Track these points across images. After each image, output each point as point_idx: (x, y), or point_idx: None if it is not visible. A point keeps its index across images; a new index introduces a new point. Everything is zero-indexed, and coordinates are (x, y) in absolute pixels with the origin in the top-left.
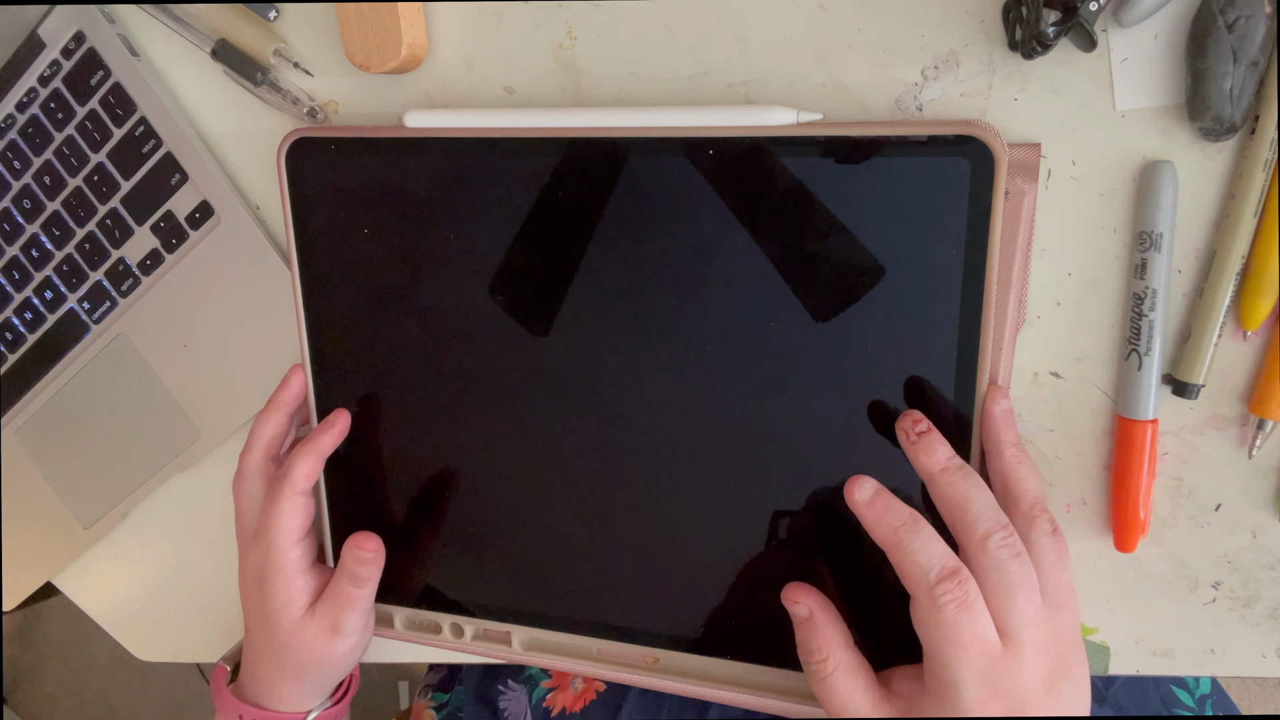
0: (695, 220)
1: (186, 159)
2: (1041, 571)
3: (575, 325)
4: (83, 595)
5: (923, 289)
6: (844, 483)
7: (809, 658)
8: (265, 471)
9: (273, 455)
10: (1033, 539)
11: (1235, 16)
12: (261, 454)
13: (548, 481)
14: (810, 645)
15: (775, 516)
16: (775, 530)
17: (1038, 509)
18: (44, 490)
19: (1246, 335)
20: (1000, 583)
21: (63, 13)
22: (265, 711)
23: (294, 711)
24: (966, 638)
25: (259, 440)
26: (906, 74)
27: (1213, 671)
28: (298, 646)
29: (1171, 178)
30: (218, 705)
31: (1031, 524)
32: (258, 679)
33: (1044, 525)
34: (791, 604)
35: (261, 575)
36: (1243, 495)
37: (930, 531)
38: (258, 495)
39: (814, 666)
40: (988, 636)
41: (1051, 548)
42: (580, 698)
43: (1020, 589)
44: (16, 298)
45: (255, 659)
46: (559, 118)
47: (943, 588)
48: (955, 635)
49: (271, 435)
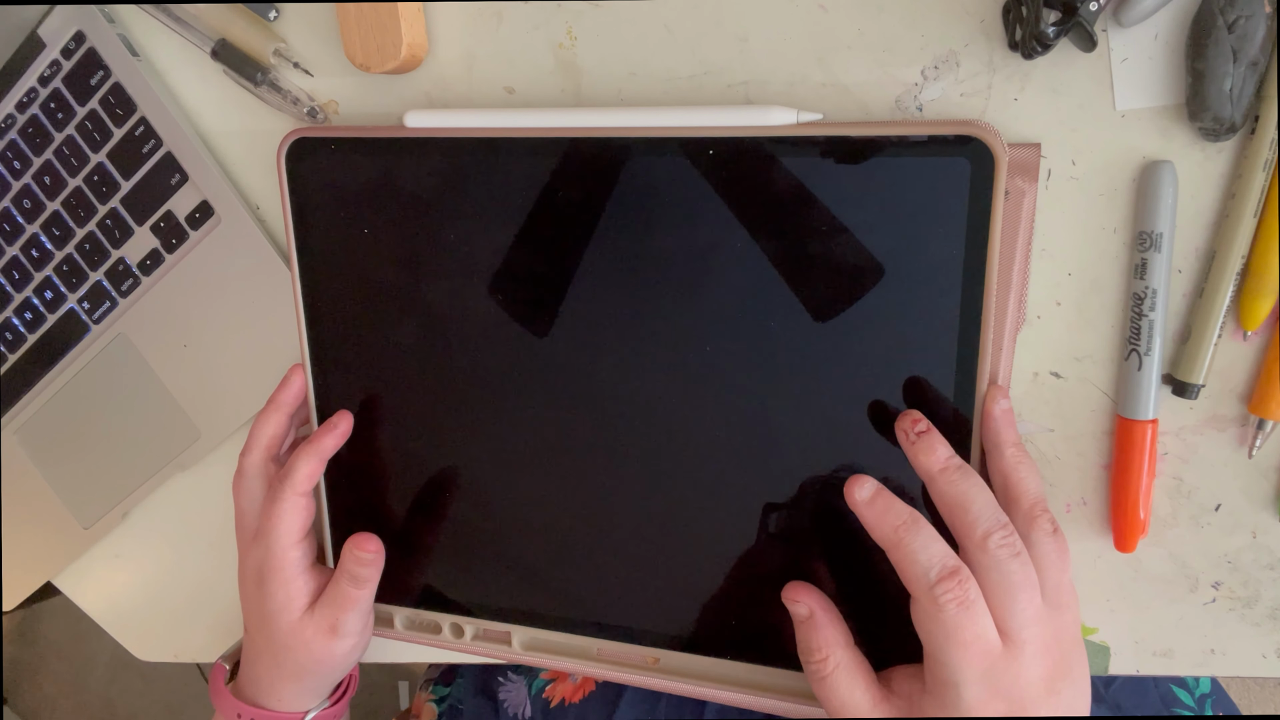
0: (695, 220)
1: (186, 159)
2: (1042, 571)
3: (575, 325)
4: (83, 595)
5: (923, 289)
6: (844, 482)
7: (809, 657)
8: (265, 472)
9: (273, 455)
10: (1033, 539)
11: (1235, 16)
12: (262, 454)
13: (548, 481)
14: (810, 644)
15: (775, 516)
16: (775, 530)
17: (1038, 509)
18: (44, 490)
19: (1246, 335)
20: (1000, 582)
21: (63, 13)
22: (264, 711)
23: (292, 711)
24: (967, 637)
25: (259, 440)
26: (906, 74)
27: (1213, 671)
28: (296, 647)
29: (1171, 178)
30: (216, 704)
31: (1032, 524)
32: (256, 678)
33: (1045, 525)
34: (792, 603)
35: (261, 575)
36: (1243, 495)
37: (930, 531)
38: (258, 495)
39: (814, 666)
40: (989, 636)
41: (1052, 547)
42: (579, 688)
43: (1020, 588)
44: (16, 298)
45: (254, 658)
46: (559, 118)
47: (943, 587)
48: (956, 635)
49: (271, 435)
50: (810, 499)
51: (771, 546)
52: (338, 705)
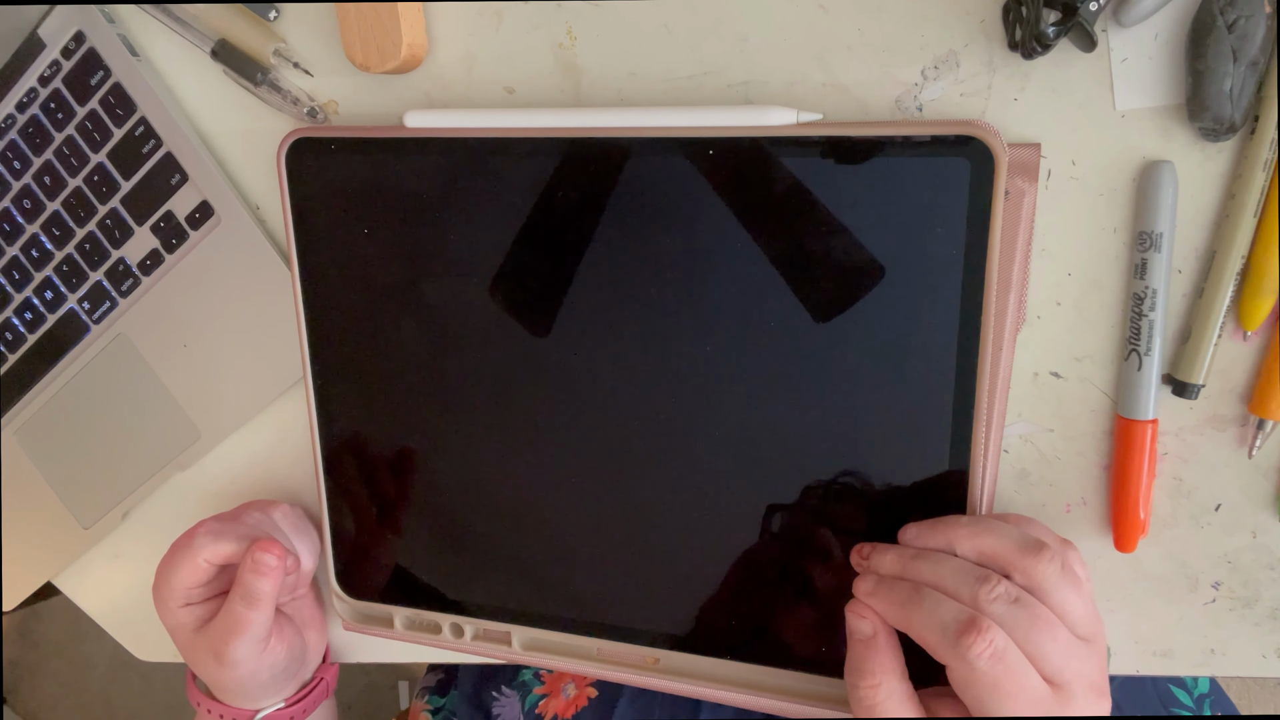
0: (695, 220)
1: (186, 159)
2: (1063, 607)
3: (576, 325)
4: (83, 595)
5: (923, 289)
6: (844, 481)
7: (860, 679)
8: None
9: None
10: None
11: (1235, 16)
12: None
13: (548, 481)
14: (864, 666)
15: (777, 516)
16: (776, 530)
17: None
18: (44, 490)
19: (1246, 335)
20: (1016, 630)
21: (63, 13)
22: (216, 704)
23: (241, 708)
24: (1012, 689)
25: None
26: (906, 74)
27: (1213, 671)
28: (197, 666)
29: (1171, 178)
30: (188, 694)
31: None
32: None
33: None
34: (857, 618)
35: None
36: (1243, 495)
37: (934, 595)
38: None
39: (863, 691)
40: (1033, 684)
41: (1062, 580)
42: (572, 704)
43: (1041, 630)
44: (16, 298)
45: None
46: (559, 118)
47: (965, 642)
48: (999, 689)
49: (216, 554)
50: (810, 499)
51: (772, 547)
52: (298, 706)
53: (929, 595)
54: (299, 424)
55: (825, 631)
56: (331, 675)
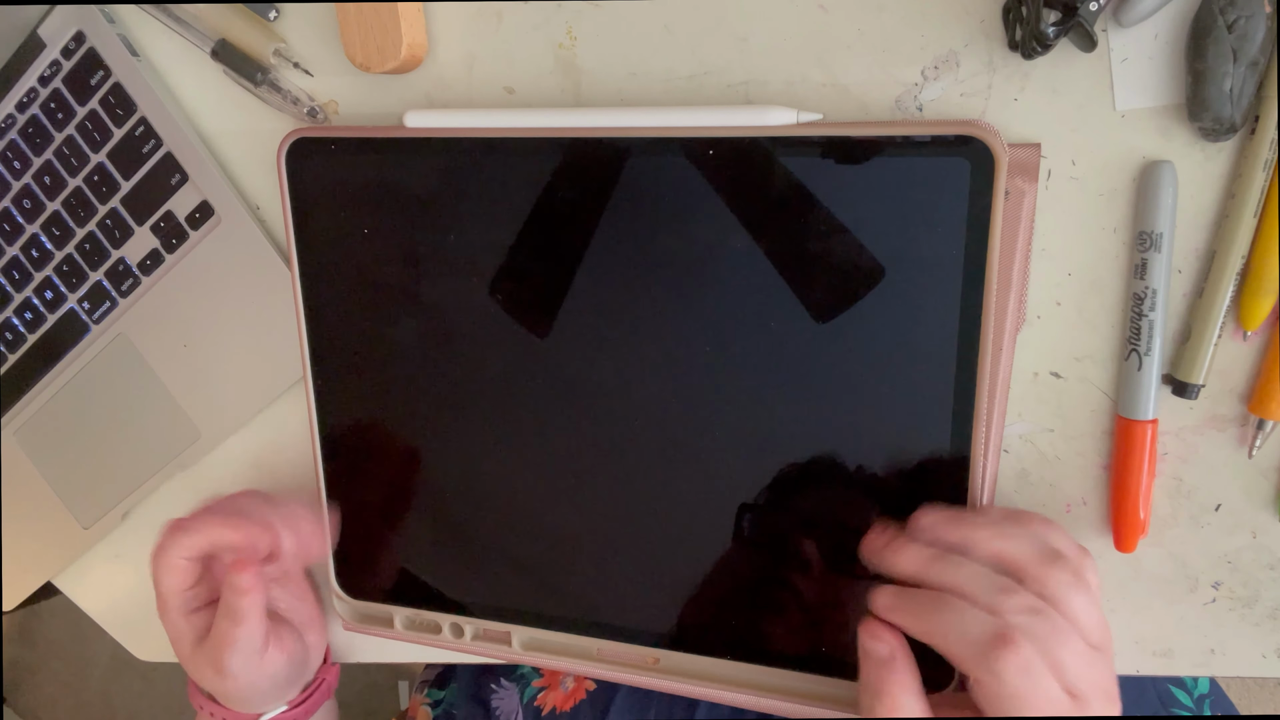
0: (695, 221)
1: (186, 159)
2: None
3: (576, 326)
4: (83, 595)
5: (923, 289)
6: (844, 483)
7: (876, 700)
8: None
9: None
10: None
11: (1235, 16)
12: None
13: (549, 481)
14: (880, 687)
15: (776, 517)
16: (776, 530)
17: (1044, 562)
18: (44, 490)
19: (1246, 335)
20: (1036, 642)
21: (63, 13)
22: (219, 707)
23: (244, 712)
24: (1036, 700)
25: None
26: (906, 74)
27: (1212, 671)
28: (198, 678)
29: (1171, 178)
30: (190, 696)
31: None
32: None
33: (1058, 574)
34: (873, 640)
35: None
36: (1243, 495)
37: (958, 604)
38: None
39: (881, 713)
40: (1054, 695)
41: (1075, 590)
42: (570, 697)
43: (1052, 640)
44: (16, 298)
45: None
46: (559, 118)
47: (995, 655)
48: (1023, 701)
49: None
50: (811, 499)
51: (773, 547)
52: (300, 708)
53: (953, 605)
54: (299, 424)
55: (826, 632)
56: (333, 675)
